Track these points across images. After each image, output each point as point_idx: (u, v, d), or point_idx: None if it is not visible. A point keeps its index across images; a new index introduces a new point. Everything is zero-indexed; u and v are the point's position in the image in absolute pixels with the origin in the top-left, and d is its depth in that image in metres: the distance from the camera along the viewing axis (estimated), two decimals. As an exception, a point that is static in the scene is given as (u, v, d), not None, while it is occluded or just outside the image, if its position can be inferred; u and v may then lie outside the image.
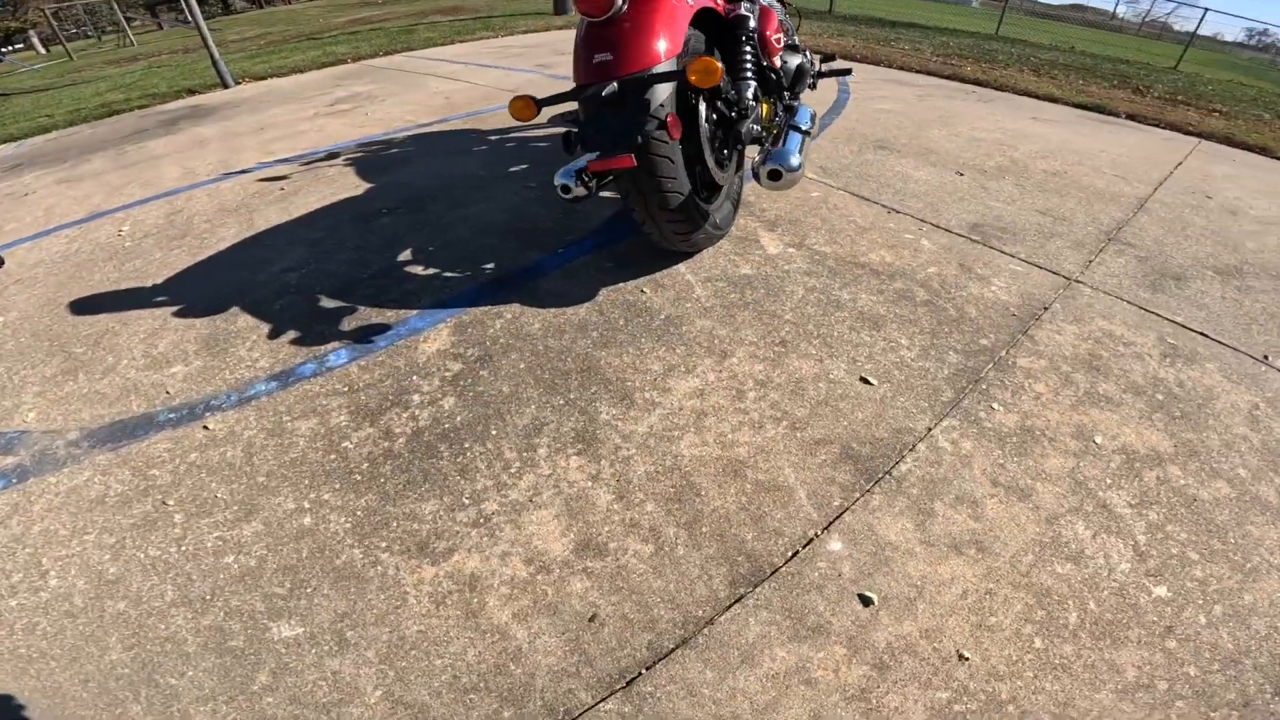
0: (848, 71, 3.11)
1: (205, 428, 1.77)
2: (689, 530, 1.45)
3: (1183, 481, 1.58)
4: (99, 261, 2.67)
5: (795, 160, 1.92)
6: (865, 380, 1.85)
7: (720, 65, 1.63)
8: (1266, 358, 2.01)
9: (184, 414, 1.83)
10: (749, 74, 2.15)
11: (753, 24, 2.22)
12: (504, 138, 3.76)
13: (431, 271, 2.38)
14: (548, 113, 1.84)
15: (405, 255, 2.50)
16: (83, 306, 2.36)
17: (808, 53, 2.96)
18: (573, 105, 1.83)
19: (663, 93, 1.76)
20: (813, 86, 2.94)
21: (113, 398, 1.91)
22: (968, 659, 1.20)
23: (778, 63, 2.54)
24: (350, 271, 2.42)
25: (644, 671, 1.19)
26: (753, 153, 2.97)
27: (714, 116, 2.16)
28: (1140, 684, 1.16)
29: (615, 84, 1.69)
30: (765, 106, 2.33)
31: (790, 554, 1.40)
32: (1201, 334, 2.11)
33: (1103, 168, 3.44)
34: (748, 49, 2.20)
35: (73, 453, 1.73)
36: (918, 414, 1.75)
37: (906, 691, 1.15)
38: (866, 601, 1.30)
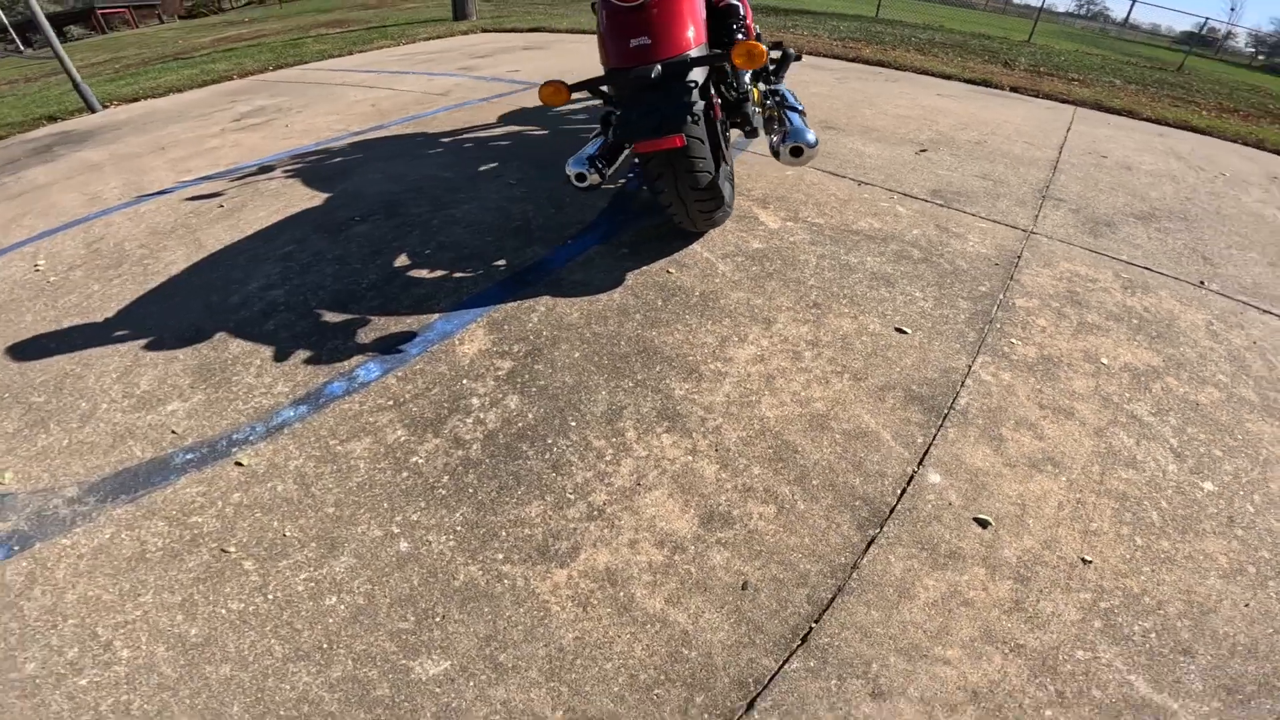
0: (798, 58, 3.29)
1: (238, 464, 1.57)
2: (801, 485, 1.48)
3: (1182, 390, 1.83)
4: (24, 301, 2.27)
5: (812, 136, 2.00)
6: (900, 330, 1.98)
7: (764, 48, 1.69)
8: (1202, 283, 2.37)
9: (204, 453, 1.61)
10: None
11: (743, 11, 2.30)
12: (457, 139, 3.60)
13: (438, 274, 2.24)
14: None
15: (401, 261, 2.34)
16: (24, 351, 2.00)
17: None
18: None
19: (701, 75, 1.79)
20: None
21: (105, 446, 1.64)
22: (1090, 562, 1.33)
23: None
24: (343, 283, 2.23)
25: (814, 625, 1.21)
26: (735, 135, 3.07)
27: (718, 100, 2.22)
28: (1235, 569, 1.33)
29: (659, 66, 1.70)
30: (755, 91, 2.42)
31: (899, 491, 1.47)
32: (1145, 268, 2.44)
33: (1012, 135, 3.87)
34: (740, 35, 2.28)
35: (79, 510, 1.47)
36: (955, 354, 1.89)
37: (1054, 597, 1.26)
38: (984, 524, 1.40)
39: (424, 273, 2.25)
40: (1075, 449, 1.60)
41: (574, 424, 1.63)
